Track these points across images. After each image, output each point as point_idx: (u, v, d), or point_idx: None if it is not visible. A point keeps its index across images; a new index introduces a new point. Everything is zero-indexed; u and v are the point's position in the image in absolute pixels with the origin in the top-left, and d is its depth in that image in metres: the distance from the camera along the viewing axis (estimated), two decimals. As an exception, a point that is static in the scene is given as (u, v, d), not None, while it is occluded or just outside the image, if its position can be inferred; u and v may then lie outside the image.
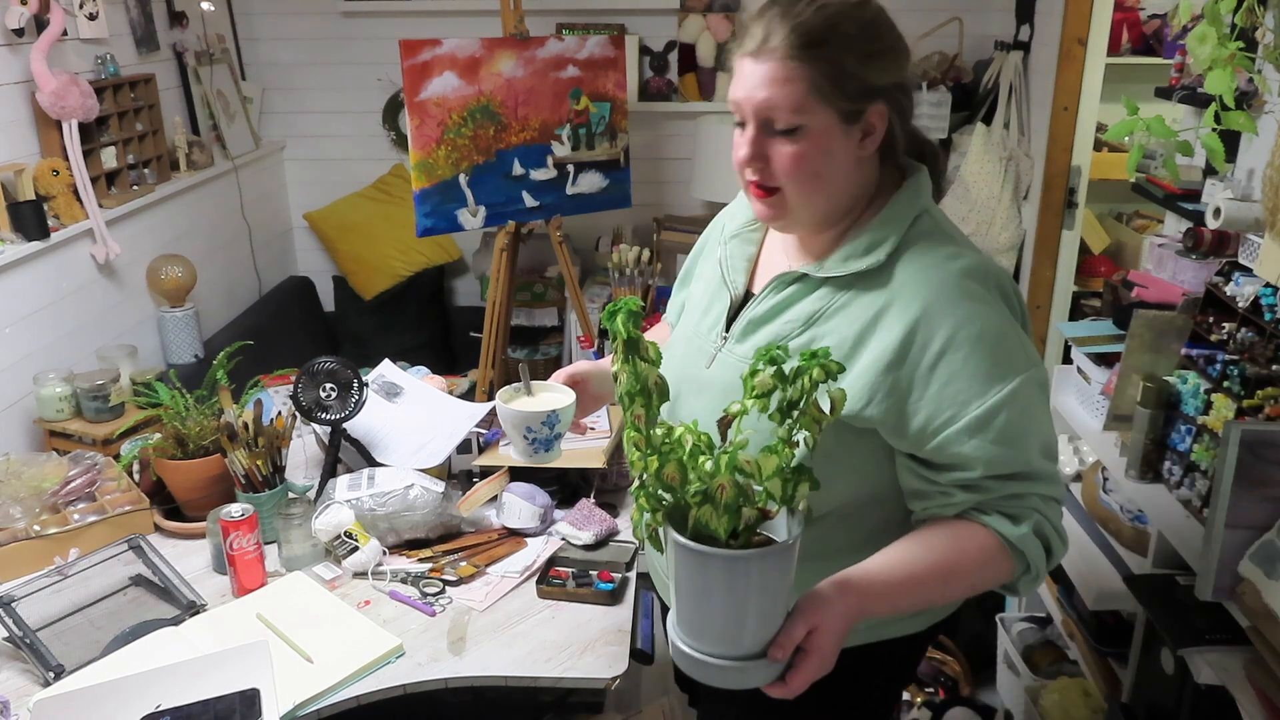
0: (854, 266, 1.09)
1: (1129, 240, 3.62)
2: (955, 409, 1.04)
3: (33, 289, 2.47)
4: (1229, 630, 1.46)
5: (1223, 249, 1.88)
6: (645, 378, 0.94)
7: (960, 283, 1.06)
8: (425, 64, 2.76)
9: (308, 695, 1.36)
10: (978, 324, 1.04)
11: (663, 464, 0.92)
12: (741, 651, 0.94)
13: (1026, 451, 1.06)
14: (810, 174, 1.07)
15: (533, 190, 3.04)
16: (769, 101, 1.04)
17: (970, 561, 1.06)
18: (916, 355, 1.05)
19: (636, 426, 0.94)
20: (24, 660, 1.45)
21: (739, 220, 1.28)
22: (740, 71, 1.07)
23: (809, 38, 1.03)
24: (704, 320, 1.24)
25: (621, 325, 0.94)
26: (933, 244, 1.09)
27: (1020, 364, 1.05)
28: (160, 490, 1.85)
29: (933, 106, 3.37)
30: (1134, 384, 1.81)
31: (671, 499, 0.93)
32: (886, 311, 1.06)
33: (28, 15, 2.44)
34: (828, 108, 1.04)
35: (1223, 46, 1.58)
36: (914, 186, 1.13)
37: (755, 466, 0.91)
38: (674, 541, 0.91)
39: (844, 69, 1.03)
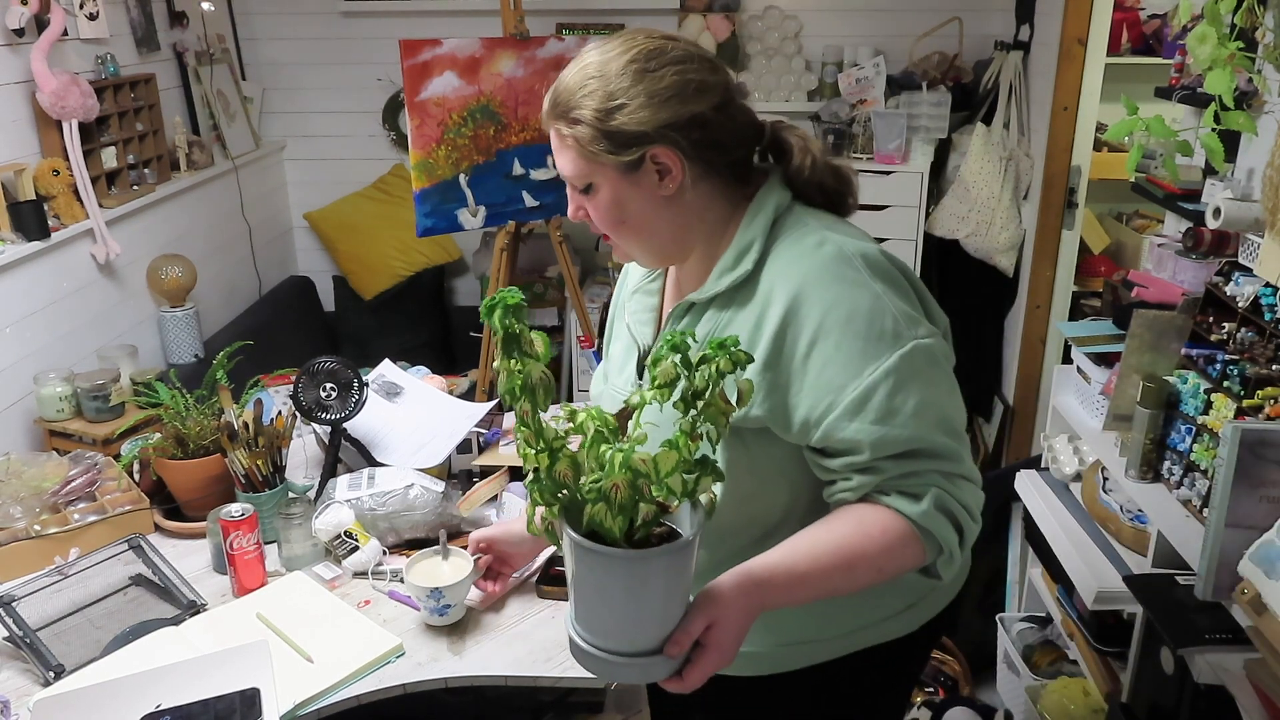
0: (728, 280, 1.13)
1: (1129, 240, 3.62)
2: (832, 395, 1.05)
3: (33, 289, 2.47)
4: (1229, 630, 1.46)
5: (1223, 249, 1.88)
6: (529, 374, 0.91)
7: (828, 266, 1.08)
8: (425, 64, 2.76)
9: (308, 695, 1.36)
10: (846, 305, 1.05)
11: (554, 461, 0.91)
12: (640, 647, 0.93)
13: (914, 428, 1.04)
14: (616, 221, 1.14)
15: (533, 190, 3.04)
16: (560, 164, 1.14)
17: (874, 545, 1.04)
18: (790, 349, 1.07)
19: (525, 422, 0.91)
20: (24, 660, 1.45)
21: (636, 276, 1.33)
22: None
23: (560, 106, 1.11)
24: (619, 377, 1.29)
25: (498, 321, 0.90)
26: (797, 237, 1.12)
27: (895, 339, 1.05)
28: (160, 490, 1.85)
29: (933, 106, 3.37)
30: (1134, 384, 1.81)
31: (567, 494, 0.92)
32: (766, 311, 1.09)
33: (28, 15, 2.44)
34: (601, 164, 1.10)
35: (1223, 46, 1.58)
36: (764, 193, 1.16)
37: (651, 464, 0.89)
38: (569, 539, 0.89)
39: (598, 128, 1.08)
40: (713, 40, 3.66)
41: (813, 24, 3.62)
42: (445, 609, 1.46)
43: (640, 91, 1.08)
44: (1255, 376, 1.58)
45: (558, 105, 1.11)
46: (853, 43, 3.59)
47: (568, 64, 1.15)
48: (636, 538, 0.90)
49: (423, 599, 1.46)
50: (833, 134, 3.41)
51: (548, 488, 0.91)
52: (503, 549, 1.51)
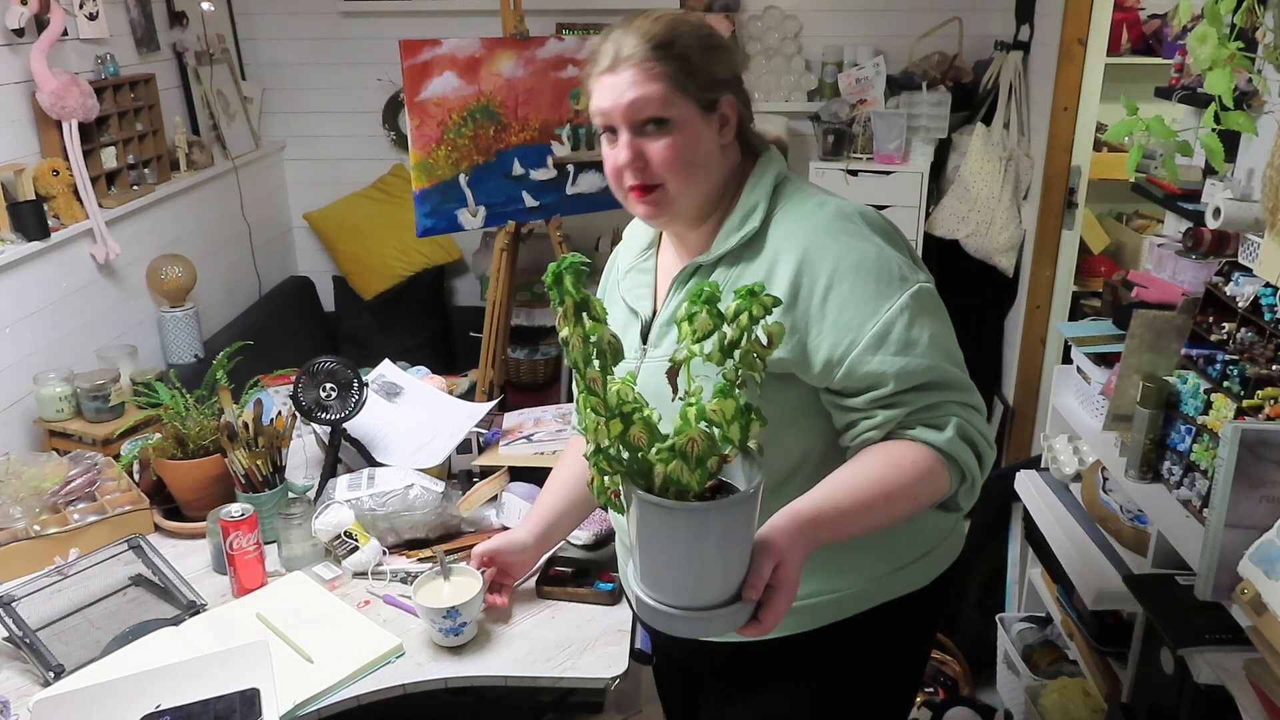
0: (735, 239, 1.20)
1: (1129, 240, 3.62)
2: (853, 333, 1.11)
3: (33, 289, 2.47)
4: (1229, 630, 1.46)
5: (1223, 249, 1.88)
6: (600, 338, 0.91)
7: (832, 223, 1.17)
8: (425, 64, 2.76)
9: (308, 695, 1.36)
10: (855, 254, 1.14)
11: (627, 426, 0.91)
12: (709, 600, 0.94)
13: (932, 357, 1.11)
14: (686, 162, 1.17)
15: (533, 190, 3.04)
16: (638, 101, 1.15)
17: (908, 476, 1.09)
18: (806, 295, 1.13)
19: (593, 390, 0.91)
20: (24, 660, 1.45)
21: (628, 256, 1.37)
22: (600, 88, 1.18)
23: (658, 40, 1.16)
24: (624, 345, 1.28)
25: (571, 285, 0.90)
26: (800, 199, 1.21)
27: (903, 281, 1.14)
28: (160, 490, 1.85)
29: (933, 106, 3.37)
30: (1134, 384, 1.81)
31: (631, 459, 0.92)
32: (775, 266, 1.16)
33: (28, 15, 2.44)
34: (688, 99, 1.16)
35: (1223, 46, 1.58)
36: (766, 159, 1.25)
37: (721, 413, 0.90)
38: (640, 500, 0.90)
39: (692, 63, 1.16)
40: (713, 40, 3.65)
41: (813, 24, 3.62)
42: (461, 627, 1.44)
43: (722, 40, 1.22)
44: (1255, 376, 1.58)
45: (653, 38, 1.16)
46: (853, 43, 3.59)
47: (592, 43, 1.21)
48: (694, 492, 0.91)
49: (438, 620, 1.44)
50: (833, 134, 3.40)
51: (615, 455, 0.91)
52: (506, 559, 1.51)
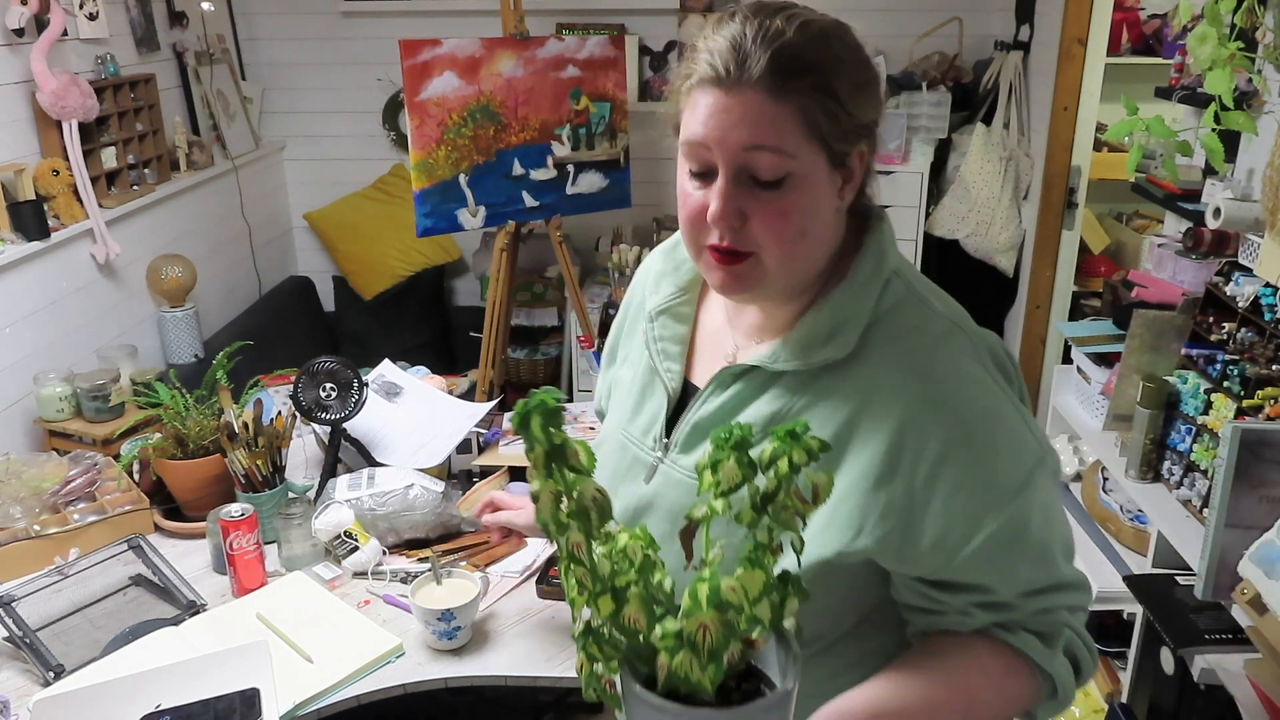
0: (816, 358, 0.89)
1: (1129, 240, 3.62)
2: (966, 526, 0.84)
3: (33, 289, 2.47)
4: (1229, 630, 1.46)
5: (1223, 249, 1.88)
6: (580, 494, 0.71)
7: (956, 368, 0.87)
8: (425, 64, 2.76)
9: (308, 695, 1.36)
10: (980, 423, 0.85)
11: (620, 604, 0.71)
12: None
13: (1053, 560, 0.90)
14: (797, 233, 0.86)
15: (533, 190, 3.04)
16: (754, 140, 0.83)
17: (995, 687, 0.88)
18: (910, 466, 0.84)
19: (576, 557, 0.72)
20: (24, 660, 1.44)
21: (664, 292, 1.04)
22: (702, 106, 0.85)
23: (799, 62, 0.82)
24: (636, 421, 1.02)
25: (539, 430, 0.69)
26: (908, 316, 0.90)
27: (1030, 457, 0.87)
28: (160, 490, 1.85)
29: (933, 106, 3.37)
30: (1134, 384, 1.81)
31: (631, 642, 0.72)
32: (864, 412, 0.86)
33: (28, 15, 2.44)
34: (819, 150, 0.84)
35: (1223, 46, 1.58)
36: (879, 243, 0.92)
37: (742, 592, 0.69)
38: (642, 702, 0.70)
39: (839, 101, 0.84)
40: (713, 40, 3.65)
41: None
42: (455, 631, 1.44)
43: (875, 75, 0.89)
44: (1255, 376, 1.58)
45: (793, 54, 0.82)
46: (853, 43, 3.59)
47: (711, 23, 0.87)
48: (720, 693, 0.71)
49: (432, 622, 1.43)
50: (833, 134, 3.40)
51: (608, 639, 0.72)
52: (503, 500, 1.40)
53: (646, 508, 0.97)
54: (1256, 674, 1.35)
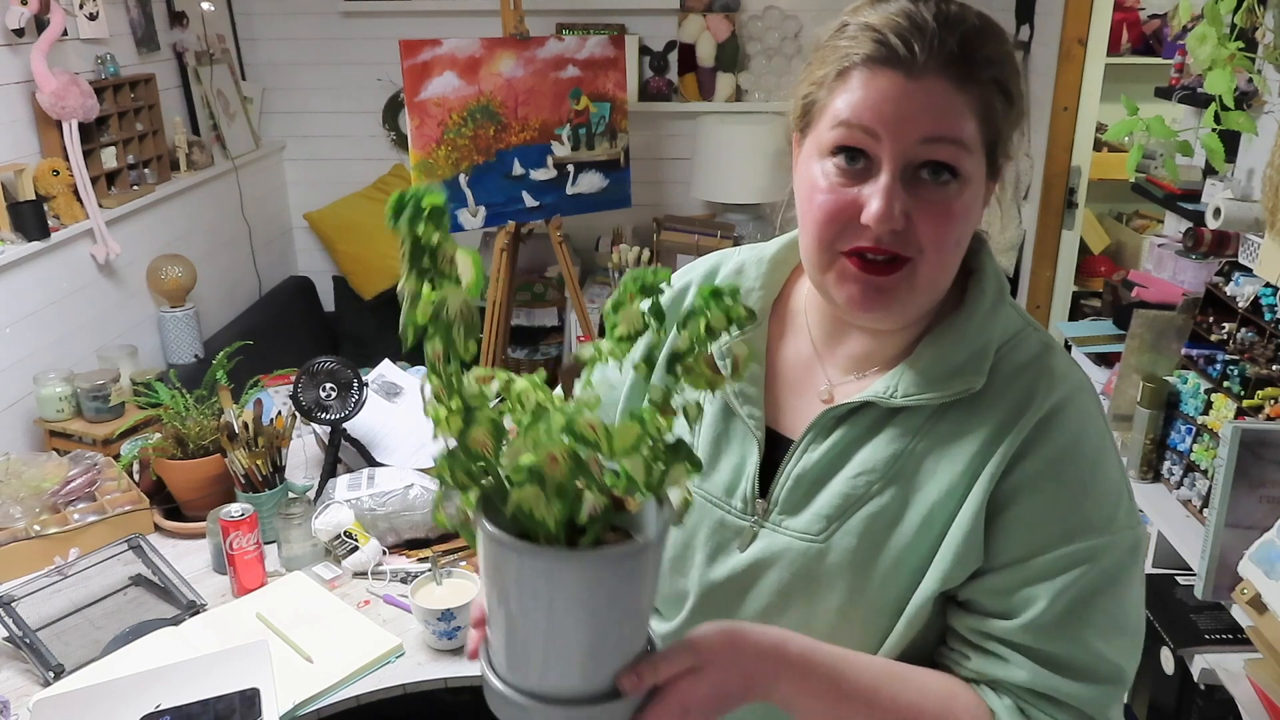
0: (949, 390, 0.79)
1: (1129, 240, 3.62)
2: (1045, 538, 0.77)
3: (33, 289, 2.47)
4: (1229, 630, 1.46)
5: (1223, 249, 1.88)
6: (444, 302, 0.66)
7: (1071, 398, 0.79)
8: (425, 64, 2.76)
9: (308, 695, 1.36)
10: (1089, 453, 0.78)
11: (469, 424, 0.66)
12: (573, 689, 0.69)
13: (1132, 649, 0.79)
14: (956, 239, 0.77)
15: (533, 190, 3.04)
16: (934, 133, 0.73)
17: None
18: (1022, 464, 0.78)
19: (435, 368, 0.67)
20: (24, 660, 1.44)
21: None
22: (871, 89, 0.74)
23: (985, 52, 0.74)
24: (712, 479, 0.88)
25: (406, 224, 0.65)
26: (1032, 348, 0.82)
27: (1126, 513, 0.79)
28: (160, 490, 1.85)
29: (933, 106, 3.37)
30: (1134, 384, 1.81)
31: (492, 476, 0.68)
32: (1000, 443, 0.78)
33: (28, 15, 2.44)
34: (984, 150, 0.77)
35: (1223, 46, 1.58)
36: (994, 269, 0.85)
37: (603, 434, 0.65)
38: (485, 534, 0.66)
39: (1011, 100, 0.76)
40: (712, 40, 3.66)
41: (813, 24, 3.61)
42: (455, 631, 1.44)
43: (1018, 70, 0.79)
44: (1255, 376, 1.58)
45: (985, 50, 0.75)
46: (853, 43, 3.59)
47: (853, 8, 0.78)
48: (582, 543, 0.67)
49: (432, 622, 1.43)
50: (833, 134, 3.40)
51: (463, 464, 0.67)
52: None
53: (746, 578, 0.84)
54: (1256, 674, 1.35)
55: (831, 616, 0.81)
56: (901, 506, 0.79)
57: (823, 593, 0.81)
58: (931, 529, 0.79)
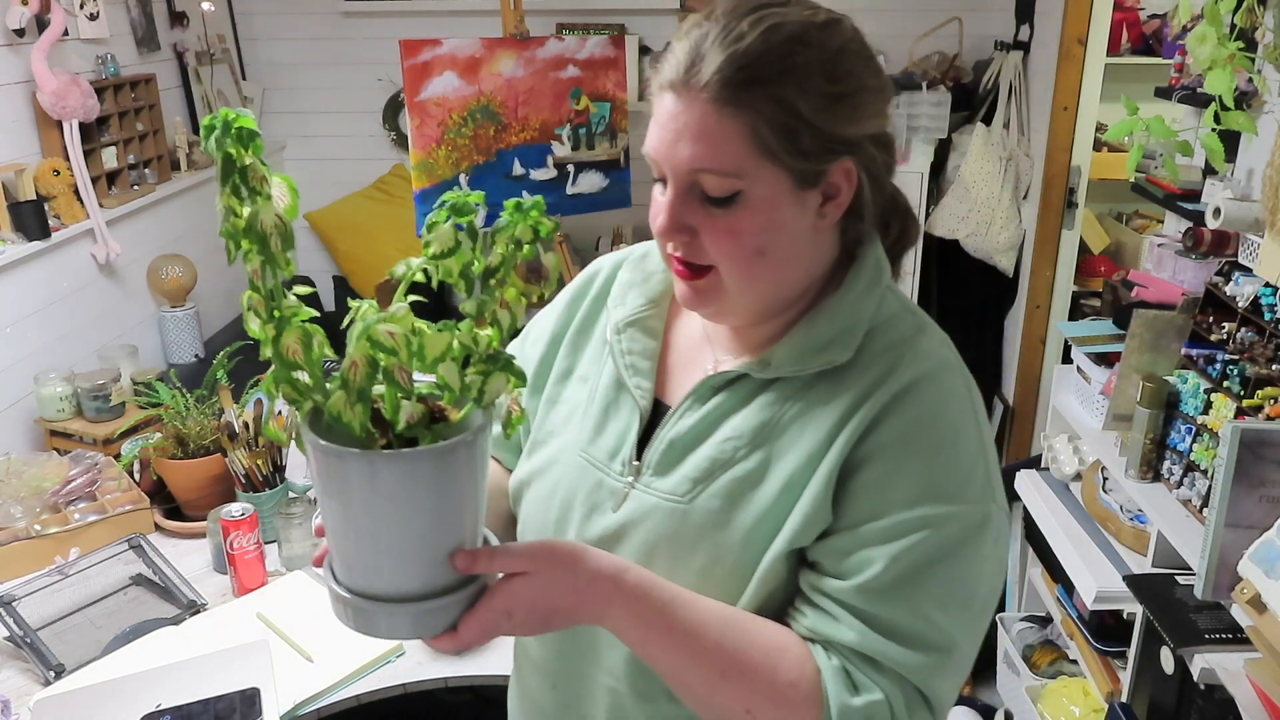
0: (815, 363, 0.83)
1: (1129, 240, 3.62)
2: (887, 501, 0.79)
3: (33, 289, 2.47)
4: (1229, 630, 1.46)
5: (1222, 249, 1.88)
6: (257, 217, 0.67)
7: (934, 376, 0.82)
8: (425, 64, 2.76)
9: (308, 694, 1.36)
10: (944, 424, 0.81)
11: (280, 332, 0.70)
12: (407, 588, 0.73)
13: (971, 621, 0.82)
14: (751, 252, 0.81)
15: (533, 190, 3.04)
16: (694, 161, 0.78)
17: (766, 682, 0.78)
18: (860, 439, 0.81)
19: (254, 284, 0.69)
20: (25, 659, 1.45)
21: (632, 304, 0.96)
22: (659, 111, 0.81)
23: (752, 72, 0.76)
24: (598, 443, 0.93)
25: (215, 145, 0.65)
26: (904, 328, 0.86)
27: (981, 490, 0.81)
28: (160, 490, 1.85)
29: (932, 106, 3.37)
30: (1134, 384, 1.81)
31: (317, 390, 0.72)
32: (855, 412, 0.81)
33: (28, 15, 2.44)
34: (776, 167, 0.78)
35: (1223, 46, 1.58)
36: (874, 259, 0.88)
37: (404, 342, 0.69)
38: (308, 442, 0.70)
39: (799, 116, 0.77)
40: (713, 40, 3.65)
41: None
42: None
43: (865, 83, 0.81)
44: (1255, 376, 1.58)
45: (747, 71, 0.76)
46: (853, 43, 3.59)
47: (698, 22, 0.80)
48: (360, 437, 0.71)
49: None
50: (833, 134, 3.40)
51: (284, 376, 0.70)
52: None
53: (616, 538, 0.88)
54: (1256, 674, 1.35)
55: (694, 576, 0.84)
56: (764, 471, 0.84)
57: (686, 552, 0.85)
58: (790, 494, 0.82)
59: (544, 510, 0.94)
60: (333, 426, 0.70)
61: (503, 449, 1.08)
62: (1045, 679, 2.16)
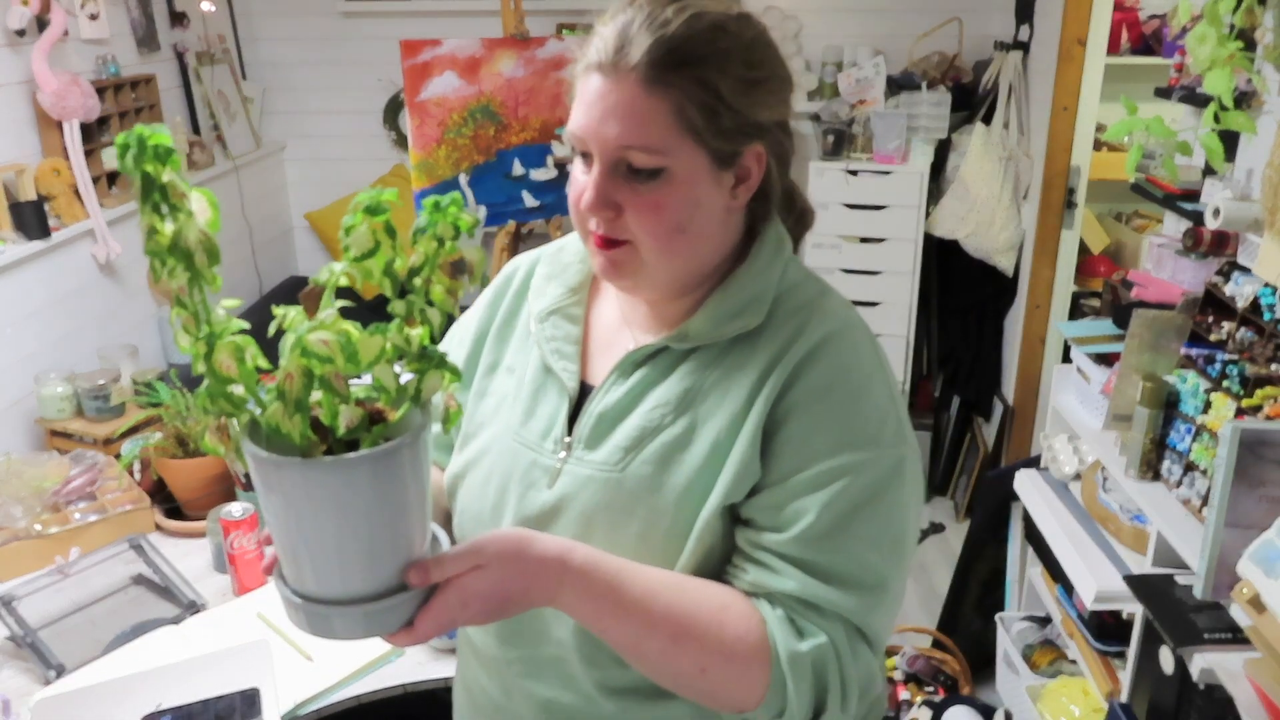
0: (730, 329, 0.89)
1: (1129, 240, 3.62)
2: (811, 453, 0.85)
3: (34, 289, 2.47)
4: (1229, 630, 1.46)
5: (1222, 249, 1.88)
6: (181, 233, 0.68)
7: (852, 335, 0.89)
8: (425, 64, 2.76)
9: (308, 694, 1.37)
10: (857, 379, 0.87)
11: (211, 349, 0.70)
12: (359, 590, 0.74)
13: (898, 558, 0.86)
14: (672, 227, 0.86)
15: (533, 190, 3.04)
16: (622, 138, 0.83)
17: (715, 641, 0.82)
18: (793, 391, 0.86)
19: (181, 301, 0.70)
20: (25, 659, 1.45)
21: (552, 294, 1.00)
22: (586, 91, 0.85)
23: (678, 55, 0.82)
24: (529, 426, 0.96)
25: (131, 163, 0.66)
26: (809, 291, 0.93)
27: (894, 430, 0.87)
28: (161, 490, 1.85)
29: (932, 106, 3.37)
30: (1134, 384, 1.82)
31: (255, 401, 0.73)
32: (772, 372, 0.87)
33: (29, 15, 2.44)
34: (698, 146, 0.84)
35: (1222, 46, 1.58)
36: (775, 234, 0.94)
37: (337, 348, 0.69)
38: (247, 454, 0.71)
39: (720, 98, 0.83)
40: (713, 40, 3.66)
41: (812, 24, 3.62)
42: (454, 631, 1.43)
43: (775, 72, 0.88)
44: (1255, 376, 1.58)
45: (671, 45, 0.82)
46: (852, 43, 3.59)
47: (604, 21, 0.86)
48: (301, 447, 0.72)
49: None
50: (833, 134, 3.41)
51: (218, 390, 0.71)
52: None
53: (553, 513, 0.91)
54: (1256, 674, 1.36)
55: (632, 542, 0.87)
56: (690, 434, 0.88)
57: (622, 519, 0.88)
58: (718, 454, 0.87)
59: (480, 497, 0.96)
60: (272, 437, 0.70)
61: (437, 447, 1.10)
62: (1045, 679, 2.16)
